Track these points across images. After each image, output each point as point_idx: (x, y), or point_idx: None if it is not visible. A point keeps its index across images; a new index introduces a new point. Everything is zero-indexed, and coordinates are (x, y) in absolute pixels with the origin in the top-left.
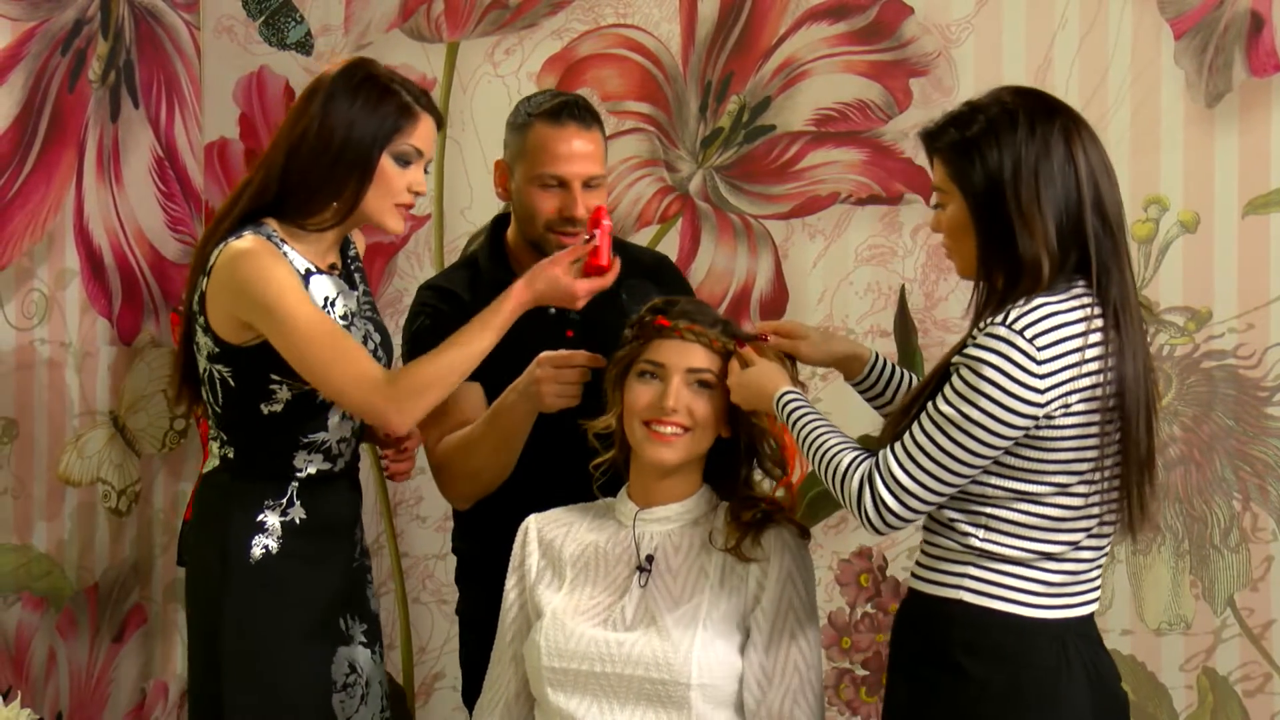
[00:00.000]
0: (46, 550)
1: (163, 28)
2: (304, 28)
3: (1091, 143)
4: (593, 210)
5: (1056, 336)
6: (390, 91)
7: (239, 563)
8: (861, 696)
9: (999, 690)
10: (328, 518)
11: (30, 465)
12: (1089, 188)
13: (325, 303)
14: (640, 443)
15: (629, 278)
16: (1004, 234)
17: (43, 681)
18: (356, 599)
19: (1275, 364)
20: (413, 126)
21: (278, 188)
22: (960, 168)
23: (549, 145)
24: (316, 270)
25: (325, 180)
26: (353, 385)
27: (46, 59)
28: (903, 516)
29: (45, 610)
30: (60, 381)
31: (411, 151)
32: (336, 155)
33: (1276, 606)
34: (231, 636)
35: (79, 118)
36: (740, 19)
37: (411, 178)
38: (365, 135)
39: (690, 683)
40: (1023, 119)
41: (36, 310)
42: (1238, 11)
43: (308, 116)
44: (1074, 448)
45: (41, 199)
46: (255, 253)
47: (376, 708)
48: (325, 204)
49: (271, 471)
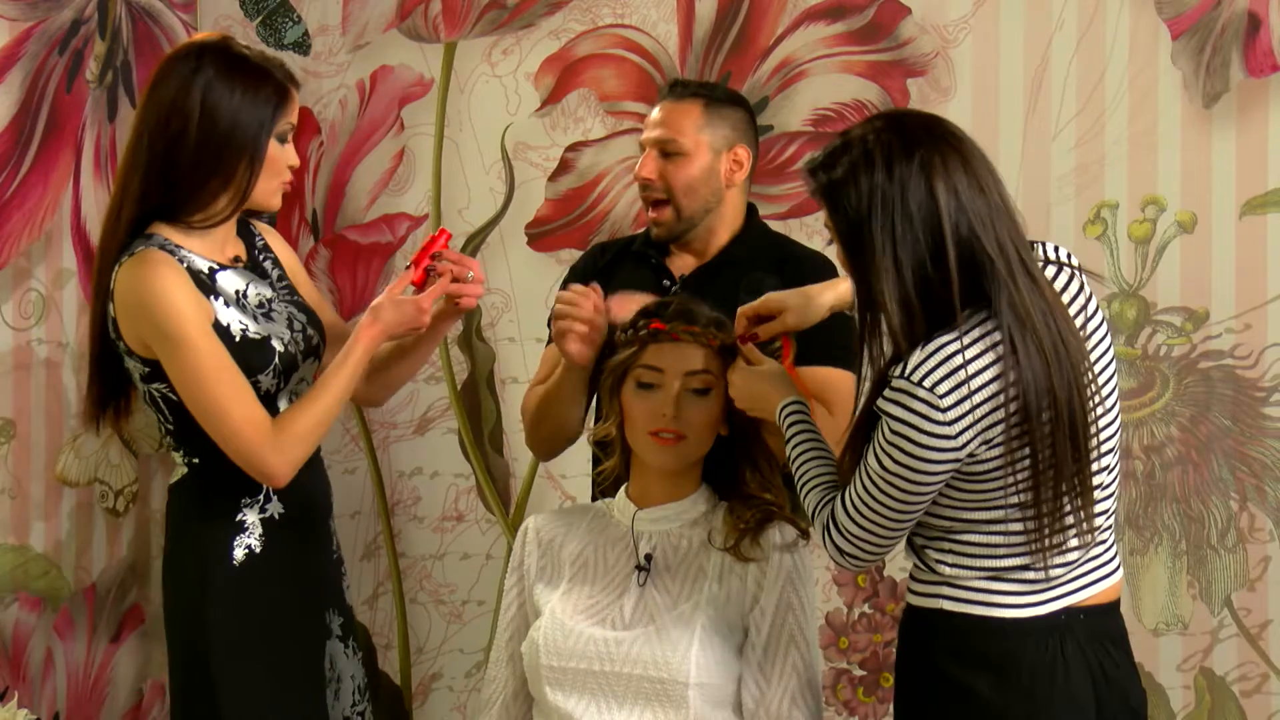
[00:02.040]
0: (44, 550)
1: (160, 28)
2: (301, 28)
3: (958, 166)
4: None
5: (959, 379)
6: (264, 73)
7: (222, 567)
8: (859, 696)
9: (985, 694)
10: (306, 506)
11: (27, 465)
12: (953, 217)
13: (238, 293)
14: (644, 450)
15: (760, 268)
16: (864, 276)
17: (40, 682)
18: (335, 591)
19: (1272, 364)
20: (289, 104)
21: (161, 189)
22: (829, 210)
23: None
24: (220, 266)
25: (213, 173)
26: (240, 428)
27: (44, 59)
28: (861, 559)
29: (42, 610)
30: (58, 381)
31: (289, 129)
32: (223, 146)
33: (1273, 606)
34: (220, 641)
35: (76, 118)
36: (738, 19)
37: (289, 153)
38: (252, 122)
39: (689, 682)
40: (879, 161)
41: (34, 310)
42: (1235, 12)
43: (181, 110)
44: (1011, 472)
45: (39, 199)
46: (152, 273)
47: (349, 703)
48: (215, 197)
49: (241, 472)
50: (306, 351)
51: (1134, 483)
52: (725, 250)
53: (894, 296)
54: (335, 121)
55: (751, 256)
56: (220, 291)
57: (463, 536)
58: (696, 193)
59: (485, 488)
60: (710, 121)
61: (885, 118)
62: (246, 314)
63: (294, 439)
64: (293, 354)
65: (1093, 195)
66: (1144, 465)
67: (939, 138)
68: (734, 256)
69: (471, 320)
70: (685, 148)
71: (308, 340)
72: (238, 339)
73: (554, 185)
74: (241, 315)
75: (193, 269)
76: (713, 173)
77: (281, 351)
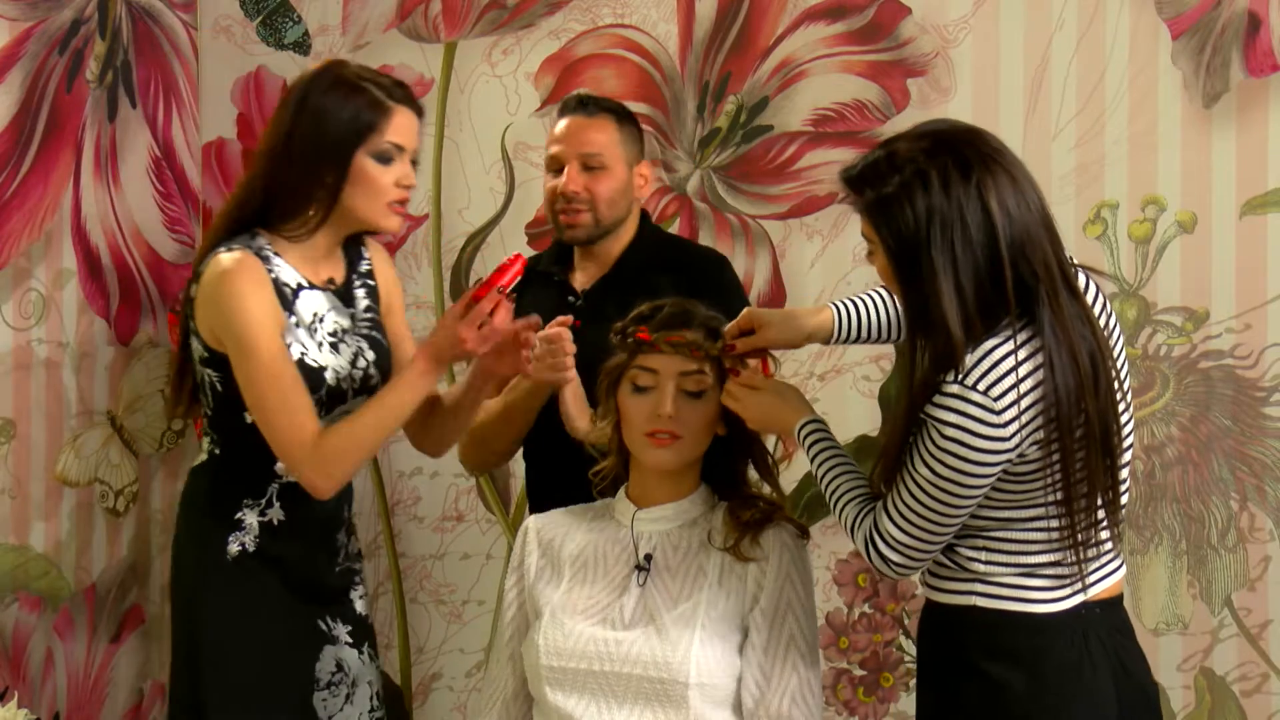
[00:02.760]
0: (44, 550)
1: (160, 28)
2: (301, 28)
3: (1008, 184)
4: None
5: (1011, 381)
6: (359, 89)
7: (216, 558)
8: (859, 696)
9: (1020, 691)
10: (306, 522)
11: (27, 465)
12: (1008, 235)
13: (315, 318)
14: (641, 450)
15: (661, 271)
16: (921, 297)
17: (40, 682)
18: (339, 601)
19: (1272, 364)
20: (386, 122)
21: (262, 196)
22: (877, 226)
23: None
24: (308, 285)
25: (301, 183)
26: (285, 436)
27: (44, 59)
28: (910, 566)
29: (42, 610)
30: (58, 381)
31: (390, 148)
32: (310, 157)
33: (1274, 606)
34: (208, 632)
35: (76, 118)
36: (738, 19)
37: (397, 173)
38: (336, 134)
39: (689, 682)
40: (936, 183)
41: (34, 310)
42: (1235, 12)
43: (284, 122)
44: (1052, 471)
45: (39, 199)
46: (237, 273)
47: (365, 708)
48: (304, 207)
49: (253, 472)
50: (360, 389)
51: (1134, 482)
52: (623, 257)
53: (958, 318)
54: None
55: (649, 260)
56: (296, 312)
57: (463, 536)
58: (617, 205)
59: (485, 488)
60: (623, 137)
61: (932, 136)
62: (313, 340)
63: (330, 454)
64: (343, 389)
65: (1093, 195)
66: (1144, 465)
67: (987, 156)
68: (631, 262)
69: None
70: (607, 162)
71: (365, 379)
72: (295, 359)
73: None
74: (308, 340)
75: (279, 281)
76: (629, 186)
77: (332, 385)
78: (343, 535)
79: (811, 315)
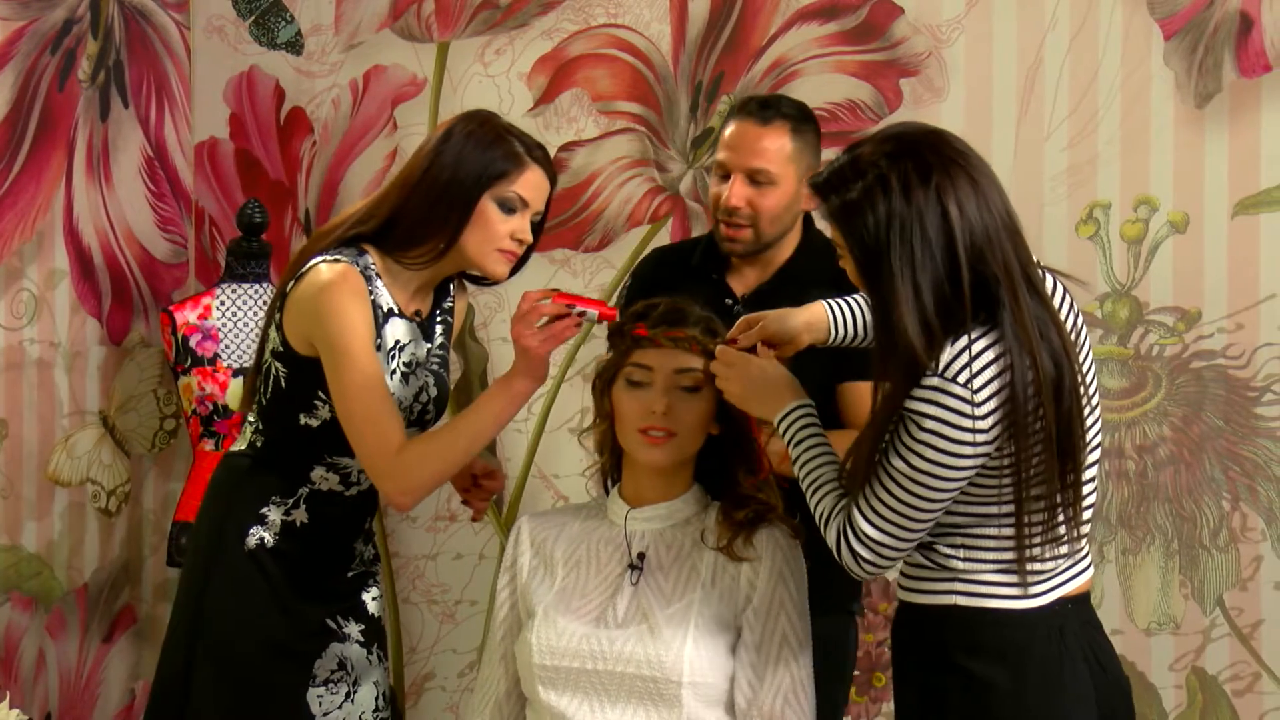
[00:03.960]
0: (36, 550)
1: (153, 27)
2: (294, 27)
3: (967, 187)
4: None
5: (990, 374)
6: (502, 138)
7: (233, 546)
8: (852, 696)
9: (1005, 688)
10: (328, 529)
11: (19, 465)
12: (966, 239)
13: (395, 345)
14: (634, 448)
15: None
16: (882, 300)
17: (32, 682)
18: (352, 601)
19: (1264, 364)
20: (519, 173)
21: (385, 218)
22: (842, 231)
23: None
24: (398, 313)
25: (428, 215)
26: (371, 447)
27: (36, 58)
28: (880, 565)
29: (34, 611)
30: (50, 381)
31: (515, 199)
32: (442, 191)
33: (1265, 606)
34: (211, 616)
35: (69, 117)
36: (731, 19)
37: (514, 225)
38: (470, 174)
39: (682, 680)
40: (896, 188)
41: (26, 310)
42: (1227, 12)
43: (424, 155)
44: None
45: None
46: (340, 286)
47: (369, 707)
48: (425, 239)
49: (288, 472)
50: (414, 421)
51: (1126, 482)
52: (786, 266)
53: (915, 321)
54: (328, 121)
55: (812, 270)
56: (383, 334)
57: (455, 536)
58: (781, 220)
59: None
60: (797, 147)
61: (894, 140)
62: (389, 366)
63: (409, 463)
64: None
65: (1085, 195)
66: (1136, 465)
67: (948, 159)
68: (795, 272)
69: (466, 320)
70: (775, 177)
71: (422, 412)
72: None
73: None
74: (385, 364)
75: (375, 304)
76: (796, 199)
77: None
78: (360, 544)
79: (802, 312)
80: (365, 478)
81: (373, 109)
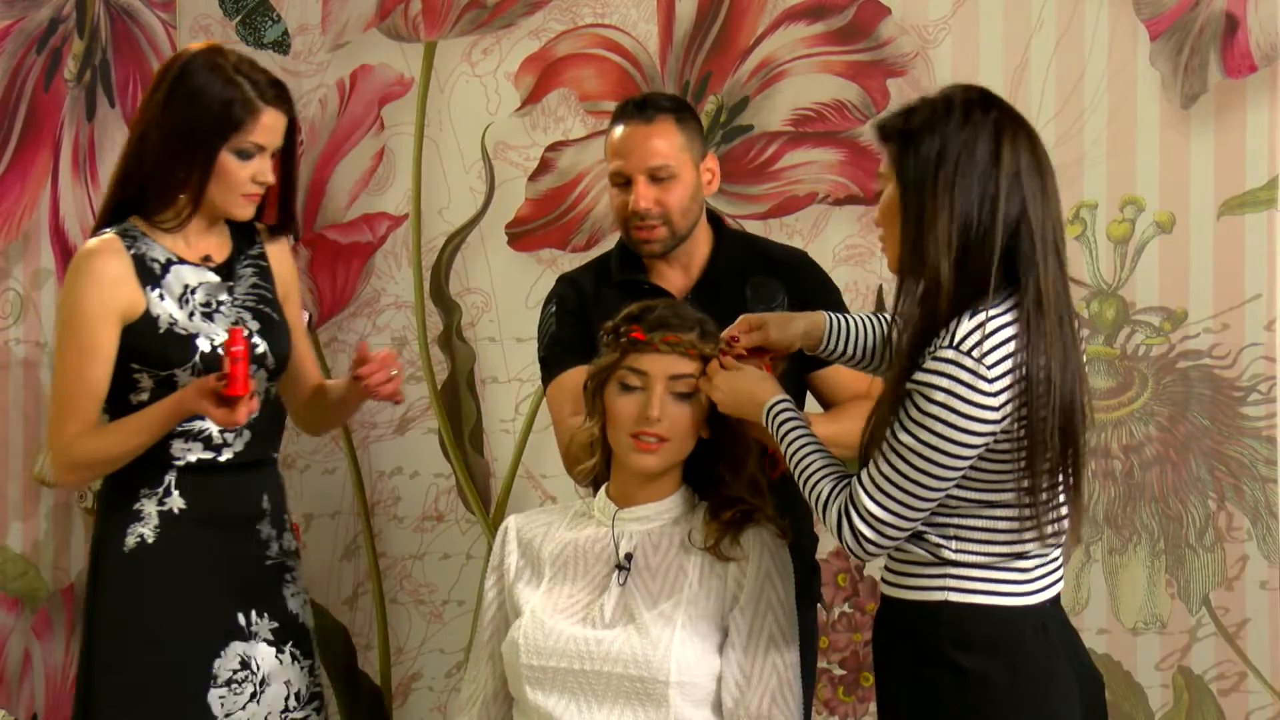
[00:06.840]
0: (22, 551)
1: (139, 27)
2: (281, 27)
3: (1026, 145)
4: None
5: (1005, 352)
6: (232, 81)
7: (113, 552)
8: (839, 696)
9: (999, 680)
10: (213, 509)
11: (5, 465)
12: (1008, 186)
13: (185, 289)
14: (626, 452)
15: (755, 273)
16: (918, 222)
17: (18, 682)
18: (266, 596)
19: (1250, 364)
20: (254, 122)
21: (134, 184)
22: (898, 154)
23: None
24: (179, 260)
25: (170, 175)
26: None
27: (22, 57)
28: (882, 545)
29: (20, 611)
30: (35, 381)
31: (252, 147)
32: (180, 152)
33: (1251, 605)
34: (97, 627)
35: (54, 117)
36: (718, 19)
37: (254, 169)
38: (204, 131)
39: (669, 680)
40: (958, 110)
41: (12, 310)
42: (1213, 13)
43: (154, 109)
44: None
45: (16, 198)
46: (85, 263)
47: (275, 708)
48: (172, 200)
49: (147, 459)
50: (254, 359)
51: (1113, 482)
52: (711, 262)
53: (946, 257)
54: (315, 121)
55: (741, 262)
56: (165, 284)
57: (443, 536)
58: (690, 211)
59: (465, 487)
60: (686, 137)
61: (967, 85)
62: (183, 310)
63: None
64: (221, 356)
65: (1072, 195)
66: (1122, 464)
67: (1018, 117)
68: (724, 266)
69: (452, 320)
70: (675, 170)
71: (249, 349)
72: (162, 330)
73: (534, 185)
74: (177, 310)
75: (148, 256)
76: (698, 187)
77: (205, 351)
78: (268, 527)
79: (803, 318)
80: (234, 437)
81: (360, 109)
